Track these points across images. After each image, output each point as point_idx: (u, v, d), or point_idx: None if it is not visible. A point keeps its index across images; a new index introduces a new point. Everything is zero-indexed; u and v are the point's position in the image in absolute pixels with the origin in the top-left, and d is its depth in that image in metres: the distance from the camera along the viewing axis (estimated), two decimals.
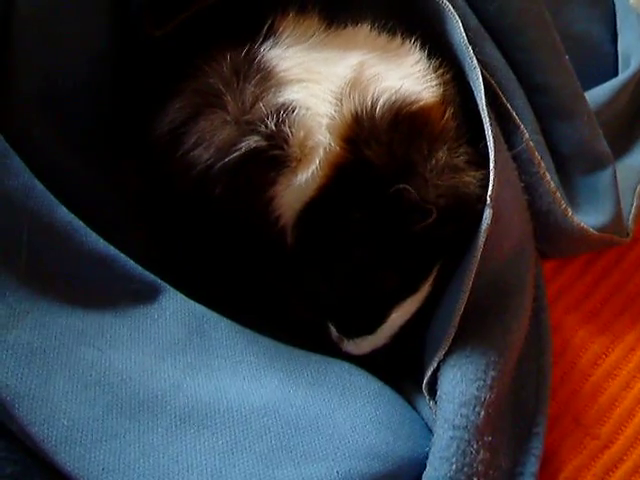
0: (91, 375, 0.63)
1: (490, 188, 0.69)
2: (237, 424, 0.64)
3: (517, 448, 0.73)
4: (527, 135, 0.80)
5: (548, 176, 0.81)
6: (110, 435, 0.61)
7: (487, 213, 0.68)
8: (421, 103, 0.72)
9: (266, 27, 0.74)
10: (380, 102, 0.70)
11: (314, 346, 0.75)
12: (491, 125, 0.72)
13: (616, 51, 1.07)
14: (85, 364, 0.64)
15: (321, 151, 0.69)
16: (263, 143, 0.68)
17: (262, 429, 0.65)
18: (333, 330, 0.76)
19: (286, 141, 0.69)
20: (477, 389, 0.67)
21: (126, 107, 0.80)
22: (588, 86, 0.96)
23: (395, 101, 0.70)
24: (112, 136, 0.80)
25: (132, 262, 0.72)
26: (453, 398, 0.67)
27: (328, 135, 0.69)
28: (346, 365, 0.73)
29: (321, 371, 0.71)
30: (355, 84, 0.71)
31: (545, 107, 0.85)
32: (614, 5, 1.11)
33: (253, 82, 0.70)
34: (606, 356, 0.85)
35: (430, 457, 0.66)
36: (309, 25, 0.77)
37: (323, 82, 0.71)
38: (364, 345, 0.75)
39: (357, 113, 0.69)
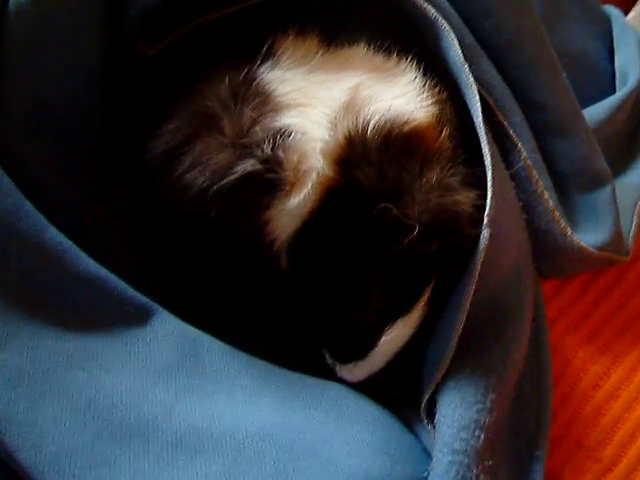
0: (81, 399, 0.62)
1: (488, 208, 0.68)
2: (231, 449, 0.63)
3: (518, 472, 0.72)
4: (525, 153, 0.80)
5: (546, 194, 0.80)
6: (100, 461, 0.60)
7: (485, 233, 0.68)
8: (414, 123, 0.71)
9: (265, 48, 0.74)
10: (371, 123, 0.69)
11: (310, 370, 0.74)
12: (488, 143, 0.71)
13: (613, 68, 1.07)
14: (75, 388, 0.63)
15: (314, 175, 0.69)
16: (259, 167, 0.68)
17: (257, 455, 0.63)
18: (327, 356, 0.75)
19: (280, 165, 0.68)
20: (477, 412, 0.66)
21: (118, 128, 0.80)
22: (586, 104, 0.96)
23: (386, 122, 0.69)
24: (104, 158, 0.80)
25: (124, 284, 0.70)
26: (452, 422, 0.65)
27: (321, 159, 0.69)
28: (343, 389, 0.72)
29: (317, 395, 0.70)
30: (349, 107, 0.70)
31: (543, 125, 0.84)
32: (611, 22, 1.11)
33: (251, 105, 0.70)
34: (607, 377, 0.85)
35: None
36: (309, 47, 0.77)
37: (319, 106, 0.71)
38: (357, 371, 0.73)
39: (350, 135, 0.69)
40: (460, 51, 0.75)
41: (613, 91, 1.04)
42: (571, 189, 0.87)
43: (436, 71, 0.77)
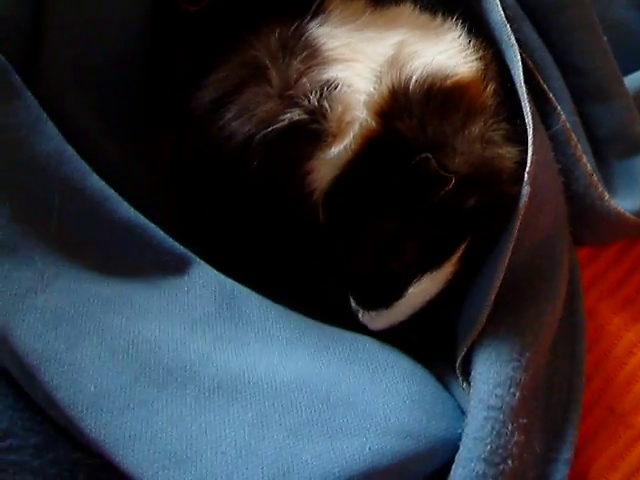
0: (119, 343, 0.63)
1: (528, 165, 0.68)
2: (267, 397, 0.63)
3: (551, 433, 0.71)
4: (564, 117, 0.79)
5: (584, 158, 0.80)
6: (137, 403, 0.60)
7: (525, 190, 0.68)
8: (457, 77, 0.71)
9: (315, 4, 0.74)
10: (414, 77, 0.70)
11: (342, 323, 0.74)
12: (529, 103, 0.71)
13: None
14: (113, 331, 0.64)
15: (356, 126, 0.69)
16: (304, 117, 0.69)
17: (292, 403, 0.64)
18: (352, 301, 0.75)
19: (325, 116, 0.69)
20: (512, 369, 0.66)
21: (162, 79, 0.80)
22: (625, 72, 0.95)
23: (428, 75, 0.70)
24: (147, 108, 0.81)
25: (163, 233, 0.71)
26: (488, 378, 0.65)
27: (365, 111, 0.69)
28: (378, 342, 0.72)
29: (353, 347, 0.70)
30: (394, 62, 0.71)
31: (582, 89, 0.84)
32: None
33: (299, 58, 0.71)
34: None
35: (464, 438, 0.64)
36: (357, 5, 0.77)
37: (365, 61, 0.71)
38: (379, 320, 0.74)
39: (393, 88, 0.69)
40: (502, 12, 0.75)
41: None
42: (609, 154, 0.86)
43: (479, 32, 0.77)
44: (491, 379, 0.65)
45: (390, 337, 0.73)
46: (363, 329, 0.74)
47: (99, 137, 0.76)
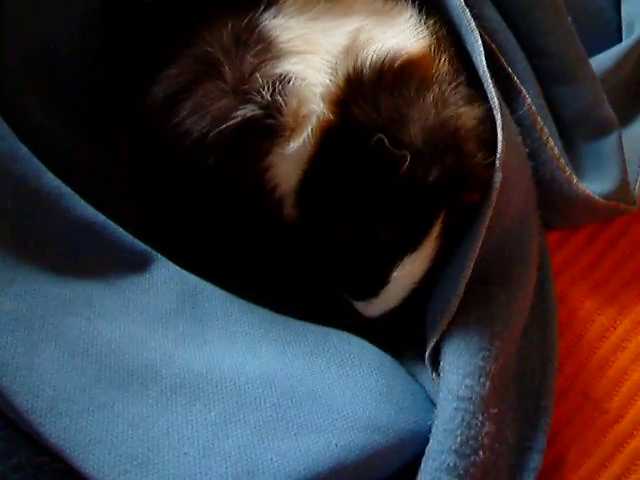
0: (78, 344, 0.62)
1: (499, 151, 0.67)
2: (231, 395, 0.63)
3: (524, 422, 0.71)
4: (529, 100, 0.79)
5: (552, 142, 0.79)
6: (97, 405, 0.59)
7: (497, 177, 0.67)
8: (407, 55, 0.71)
9: None
10: (367, 63, 0.69)
11: (313, 317, 0.73)
12: (493, 87, 0.70)
13: (619, 18, 1.05)
14: (72, 333, 0.63)
15: (314, 119, 0.69)
16: (258, 112, 0.68)
17: (257, 400, 0.63)
18: (343, 294, 0.76)
19: (280, 111, 0.68)
20: (482, 359, 0.65)
21: (117, 74, 0.79)
22: (591, 53, 0.94)
23: (379, 58, 0.70)
24: (103, 103, 0.79)
25: (122, 230, 0.70)
26: (457, 369, 0.65)
27: (322, 103, 0.69)
28: (345, 335, 0.71)
29: (319, 341, 0.70)
30: (349, 51, 0.71)
31: (547, 71, 0.83)
32: None
33: (253, 52, 0.70)
34: (614, 328, 0.83)
35: (433, 430, 0.64)
36: None
37: (321, 53, 0.71)
38: (372, 308, 0.74)
39: (349, 77, 0.69)
40: None
41: (619, 41, 1.02)
42: (576, 137, 0.85)
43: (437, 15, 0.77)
44: (460, 369, 0.65)
45: (360, 330, 0.73)
46: (332, 320, 0.73)
47: (55, 134, 0.75)
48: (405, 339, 0.75)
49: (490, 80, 0.70)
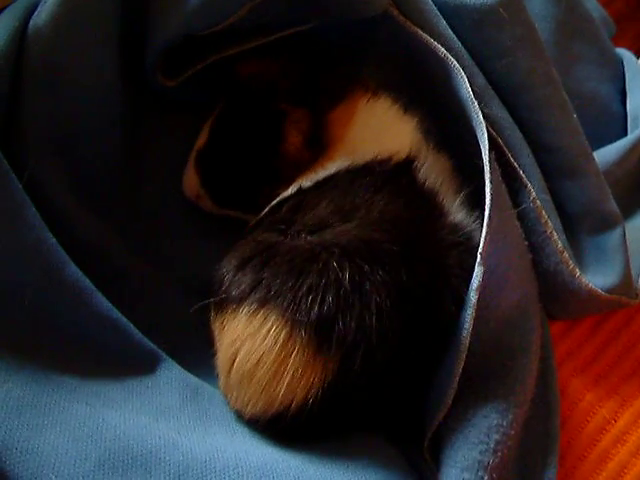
0: (83, 430, 0.62)
1: (481, 246, 0.68)
2: None
3: None
4: (534, 194, 0.80)
5: (555, 235, 0.80)
6: None
7: (478, 270, 0.67)
8: None
9: None
10: None
11: None
12: (492, 182, 0.71)
13: (625, 111, 1.07)
14: (77, 420, 0.63)
15: None
16: None
17: None
18: None
19: None
20: (480, 453, 0.65)
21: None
22: (597, 146, 0.96)
23: None
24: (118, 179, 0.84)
25: (133, 328, 0.73)
26: (455, 462, 0.65)
27: None
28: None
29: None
30: None
31: (553, 166, 0.84)
32: (623, 65, 1.12)
33: None
34: (615, 421, 0.84)
35: None
36: None
37: None
38: None
39: None
40: (470, 89, 0.76)
41: (625, 134, 1.04)
42: (580, 231, 0.86)
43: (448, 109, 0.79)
44: (458, 463, 0.65)
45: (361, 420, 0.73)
46: None
47: (77, 217, 0.78)
48: (405, 429, 0.75)
49: (490, 174, 0.71)
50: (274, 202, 0.79)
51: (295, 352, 0.66)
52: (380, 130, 0.81)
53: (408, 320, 0.68)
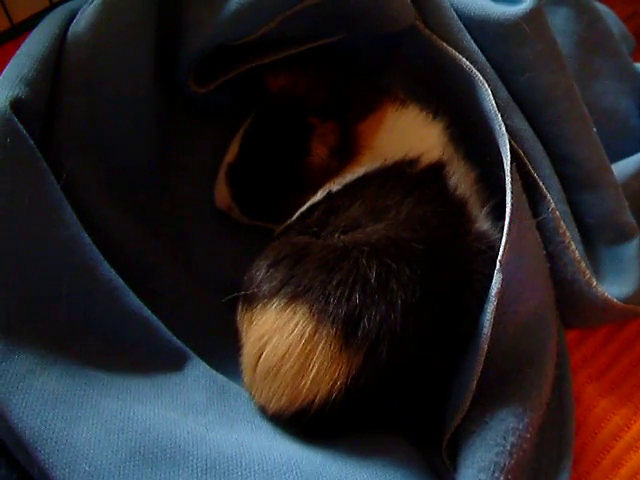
0: (114, 423, 0.64)
1: (501, 253, 0.69)
2: (258, 478, 0.64)
3: None
4: (553, 205, 0.81)
5: (573, 245, 0.81)
6: None
7: (497, 277, 0.69)
8: None
9: None
10: None
11: None
12: (513, 192, 0.72)
13: None
14: (109, 413, 0.65)
15: None
16: None
17: None
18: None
19: None
20: (496, 455, 0.66)
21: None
22: (615, 159, 0.97)
23: None
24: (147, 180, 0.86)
25: (163, 327, 0.75)
26: (472, 463, 0.66)
27: None
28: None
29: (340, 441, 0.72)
30: None
31: (572, 178, 0.86)
32: None
33: None
34: (628, 428, 0.85)
35: None
36: None
37: None
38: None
39: None
40: (494, 102, 0.78)
41: None
42: (598, 241, 0.88)
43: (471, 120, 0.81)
44: (475, 464, 0.66)
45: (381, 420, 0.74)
46: None
47: (107, 210, 0.81)
48: (425, 430, 0.76)
49: (511, 184, 0.72)
50: (304, 208, 0.81)
51: (321, 346, 0.68)
52: (409, 133, 0.83)
53: (432, 320, 0.70)
